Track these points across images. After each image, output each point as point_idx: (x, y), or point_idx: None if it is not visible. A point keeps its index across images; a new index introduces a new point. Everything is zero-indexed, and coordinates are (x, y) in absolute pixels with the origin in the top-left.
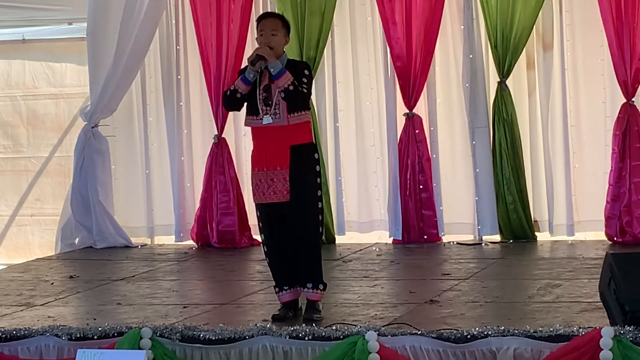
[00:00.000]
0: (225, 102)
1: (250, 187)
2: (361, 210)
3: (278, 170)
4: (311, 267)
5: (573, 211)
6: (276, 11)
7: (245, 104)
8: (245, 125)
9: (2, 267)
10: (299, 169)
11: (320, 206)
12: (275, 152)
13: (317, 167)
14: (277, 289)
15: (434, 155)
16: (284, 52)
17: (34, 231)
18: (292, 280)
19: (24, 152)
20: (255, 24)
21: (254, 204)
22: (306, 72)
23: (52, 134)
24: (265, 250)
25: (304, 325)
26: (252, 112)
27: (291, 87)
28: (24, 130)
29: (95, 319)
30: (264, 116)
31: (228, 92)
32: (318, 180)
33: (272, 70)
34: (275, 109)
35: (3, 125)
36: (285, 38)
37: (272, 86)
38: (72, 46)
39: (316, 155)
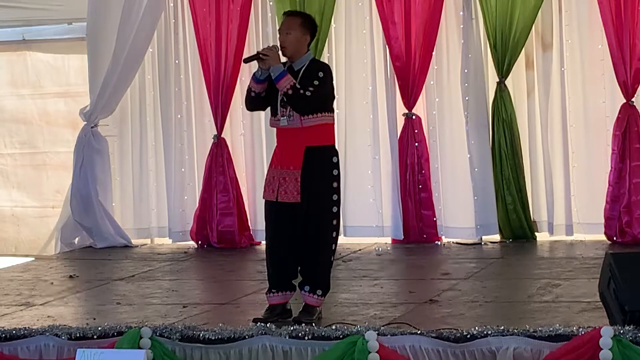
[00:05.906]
0: (245, 101)
1: (247, 187)
2: (358, 211)
3: (291, 170)
4: (313, 271)
5: (572, 212)
6: (275, 11)
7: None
8: (270, 125)
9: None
10: (312, 172)
11: (335, 211)
12: (290, 152)
13: (335, 170)
14: (266, 290)
15: (433, 155)
16: (307, 50)
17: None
18: (284, 285)
19: (41, 148)
20: (254, 23)
21: (254, 204)
22: (320, 74)
23: (66, 130)
24: (267, 247)
25: (303, 325)
26: (273, 113)
27: (290, 92)
28: (39, 128)
29: (94, 319)
30: (281, 118)
31: (247, 92)
32: (334, 184)
33: (272, 73)
34: (289, 111)
35: (17, 122)
36: (305, 37)
37: None
38: (74, 46)
39: (335, 159)
